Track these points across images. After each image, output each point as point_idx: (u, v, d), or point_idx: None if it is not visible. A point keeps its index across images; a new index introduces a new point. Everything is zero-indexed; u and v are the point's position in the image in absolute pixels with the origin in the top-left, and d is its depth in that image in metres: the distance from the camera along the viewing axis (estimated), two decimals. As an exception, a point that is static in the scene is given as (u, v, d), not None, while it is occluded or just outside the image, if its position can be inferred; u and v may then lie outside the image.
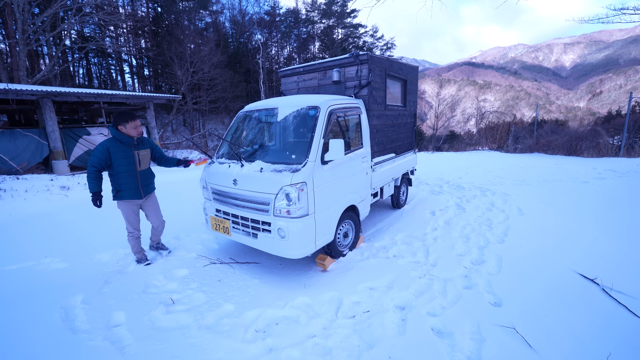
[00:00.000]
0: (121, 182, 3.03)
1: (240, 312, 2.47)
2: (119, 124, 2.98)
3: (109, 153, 2.94)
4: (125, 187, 3.06)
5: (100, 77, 26.78)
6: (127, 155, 3.02)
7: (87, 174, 2.95)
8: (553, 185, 6.46)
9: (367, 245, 3.72)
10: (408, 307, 2.47)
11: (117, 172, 3.00)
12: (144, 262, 3.29)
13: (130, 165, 3.04)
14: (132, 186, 3.09)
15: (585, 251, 3.35)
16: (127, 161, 3.02)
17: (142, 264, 3.27)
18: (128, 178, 3.05)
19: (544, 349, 1.99)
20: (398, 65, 4.54)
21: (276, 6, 32.91)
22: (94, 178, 2.96)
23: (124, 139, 3.00)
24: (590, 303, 2.46)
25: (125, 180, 3.04)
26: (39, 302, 2.57)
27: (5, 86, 8.36)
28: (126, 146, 3.02)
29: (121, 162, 2.99)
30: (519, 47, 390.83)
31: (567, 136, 13.80)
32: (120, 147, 2.98)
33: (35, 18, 14.35)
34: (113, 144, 2.97)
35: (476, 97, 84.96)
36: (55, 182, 6.95)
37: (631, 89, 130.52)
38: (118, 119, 2.98)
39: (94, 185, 2.98)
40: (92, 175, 2.95)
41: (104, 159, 2.93)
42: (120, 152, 2.98)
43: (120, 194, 3.08)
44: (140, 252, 3.33)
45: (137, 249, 3.31)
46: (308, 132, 2.98)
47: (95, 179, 2.96)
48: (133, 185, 3.09)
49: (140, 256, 3.33)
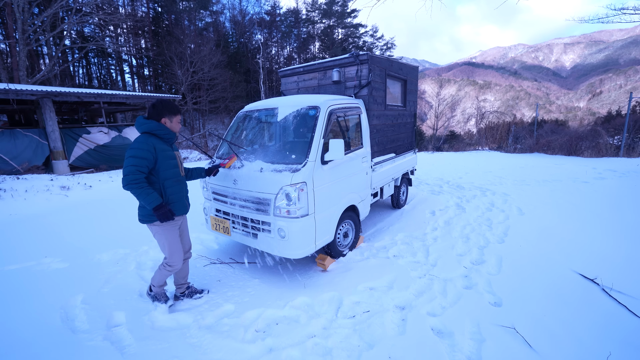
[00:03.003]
0: (169, 191, 2.35)
1: (240, 312, 2.47)
2: (164, 115, 2.34)
3: (155, 152, 2.24)
4: (174, 198, 2.38)
5: (100, 77, 26.79)
6: (171, 157, 2.37)
7: (134, 184, 2.13)
8: (553, 185, 6.46)
9: (367, 245, 3.72)
10: (408, 307, 2.47)
11: (164, 178, 2.31)
12: (162, 301, 2.57)
13: (175, 169, 2.39)
14: (181, 196, 2.45)
15: (585, 251, 3.35)
16: (172, 163, 2.37)
17: (160, 302, 2.56)
18: (176, 186, 2.40)
19: (544, 349, 1.99)
20: (398, 65, 4.54)
21: (276, 6, 32.94)
22: (147, 186, 2.19)
23: (167, 135, 2.34)
24: (590, 303, 2.46)
25: (174, 190, 2.38)
26: (39, 302, 2.57)
27: (6, 86, 8.37)
28: (167, 145, 2.38)
29: (168, 165, 2.33)
30: (518, 47, 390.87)
31: (567, 136, 13.80)
32: (163, 146, 2.32)
33: (35, 18, 14.35)
34: (155, 140, 2.28)
35: (476, 97, 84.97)
36: (55, 182, 6.95)
37: (631, 89, 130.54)
38: (164, 109, 2.34)
39: (155, 196, 2.21)
40: (143, 182, 2.18)
41: (152, 160, 2.22)
42: (164, 151, 2.32)
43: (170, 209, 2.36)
44: (163, 285, 2.63)
45: (163, 281, 2.59)
46: (308, 132, 2.98)
47: (149, 187, 2.20)
48: (182, 195, 2.47)
49: (160, 291, 2.62)
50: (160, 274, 2.52)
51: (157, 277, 2.54)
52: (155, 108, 2.34)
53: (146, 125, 2.29)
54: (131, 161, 2.15)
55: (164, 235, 2.38)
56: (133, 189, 2.15)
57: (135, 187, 2.14)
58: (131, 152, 2.18)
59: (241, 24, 29.67)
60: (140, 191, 2.16)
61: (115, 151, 10.64)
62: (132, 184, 2.14)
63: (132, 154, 2.17)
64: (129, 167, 2.14)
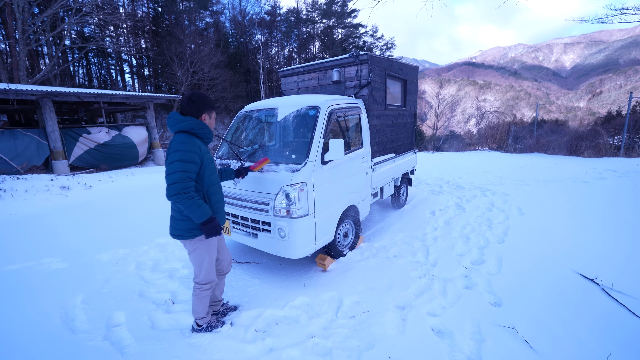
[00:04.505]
0: (214, 200, 2.04)
1: (240, 312, 2.47)
2: (203, 110, 2.00)
3: (201, 154, 1.92)
4: (218, 207, 2.09)
5: (100, 77, 26.78)
6: (211, 159, 2.04)
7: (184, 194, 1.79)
8: (553, 185, 6.46)
9: (367, 245, 3.72)
10: (408, 307, 2.47)
11: (209, 184, 2.00)
12: (219, 326, 2.26)
13: (216, 174, 2.08)
14: (223, 205, 2.15)
15: (585, 251, 3.35)
16: (213, 167, 2.06)
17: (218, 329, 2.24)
18: (219, 193, 2.11)
19: (544, 349, 1.99)
20: (398, 65, 4.54)
21: (276, 6, 32.93)
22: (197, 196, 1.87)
23: (208, 134, 2.00)
24: (590, 303, 2.46)
25: (217, 197, 2.08)
26: (39, 302, 2.57)
27: (6, 86, 8.37)
28: (206, 145, 2.04)
29: (212, 170, 2.01)
30: (518, 47, 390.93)
31: (567, 136, 13.81)
32: (204, 147, 1.99)
33: (35, 18, 14.35)
34: (198, 141, 1.94)
35: (476, 97, 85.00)
36: (55, 182, 6.94)
37: (631, 89, 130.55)
38: (203, 104, 2.00)
39: (207, 209, 1.90)
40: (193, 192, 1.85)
41: (199, 164, 1.90)
42: (207, 153, 2.00)
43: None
44: (209, 312, 2.26)
45: (207, 306, 2.21)
46: (308, 132, 2.98)
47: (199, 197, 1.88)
48: (223, 203, 2.17)
49: (210, 319, 2.26)
50: (200, 301, 2.14)
51: (198, 306, 2.16)
52: (193, 103, 1.96)
53: (185, 124, 1.90)
54: (178, 166, 1.79)
55: (207, 251, 2.05)
56: (183, 199, 1.79)
57: (186, 197, 1.79)
58: (177, 155, 1.81)
59: (241, 24, 29.67)
60: (190, 202, 1.81)
61: (115, 150, 10.63)
62: (182, 194, 1.78)
63: (179, 157, 1.80)
64: (178, 174, 1.78)
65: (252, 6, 39.95)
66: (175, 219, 2.00)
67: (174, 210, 2.01)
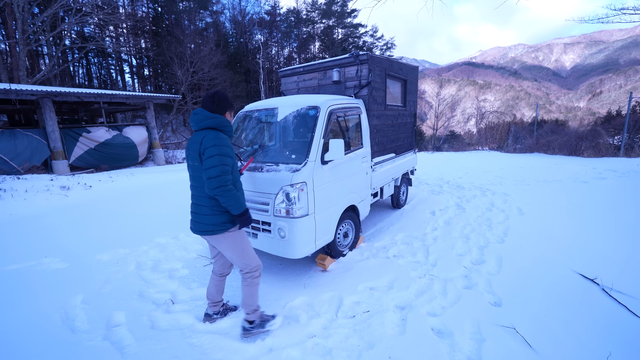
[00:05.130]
0: (240, 192, 2.08)
1: (240, 312, 2.46)
2: (227, 108, 2.08)
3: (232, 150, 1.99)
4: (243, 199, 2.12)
5: (100, 77, 26.78)
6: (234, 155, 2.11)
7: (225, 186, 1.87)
8: (553, 185, 6.46)
9: (367, 245, 3.72)
10: (408, 307, 2.47)
11: (236, 179, 2.06)
12: (270, 321, 2.24)
13: (237, 169, 2.13)
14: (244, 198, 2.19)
15: (585, 251, 3.35)
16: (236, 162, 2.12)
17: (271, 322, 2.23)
18: (241, 187, 2.17)
19: (544, 349, 1.99)
20: (398, 65, 4.54)
21: (276, 6, 32.94)
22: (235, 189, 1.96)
23: (231, 131, 2.07)
24: (590, 303, 2.46)
25: (242, 191, 2.14)
26: (39, 302, 2.57)
27: (7, 86, 8.37)
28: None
29: (236, 165, 2.08)
30: (518, 47, 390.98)
31: (567, 136, 13.80)
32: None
33: (35, 18, 14.36)
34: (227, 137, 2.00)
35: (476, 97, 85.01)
36: (55, 182, 6.94)
37: (631, 89, 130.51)
38: (226, 102, 2.07)
39: (243, 200, 2.03)
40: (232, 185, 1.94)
41: (234, 157, 2.01)
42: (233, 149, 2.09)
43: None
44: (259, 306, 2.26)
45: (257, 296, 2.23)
46: (308, 132, 2.98)
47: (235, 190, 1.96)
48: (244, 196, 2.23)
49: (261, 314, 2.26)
50: (250, 291, 2.15)
51: (250, 297, 2.15)
52: (218, 101, 2.01)
53: (214, 120, 1.95)
54: (220, 159, 1.85)
55: (242, 239, 2.12)
56: (225, 192, 1.87)
57: (227, 190, 1.87)
58: (217, 149, 1.85)
59: (241, 24, 29.67)
60: (231, 195, 1.90)
61: (116, 150, 10.63)
62: (223, 187, 1.86)
63: (220, 151, 1.85)
64: (221, 167, 1.85)
65: (252, 6, 40.04)
66: (204, 214, 2.01)
67: (204, 206, 2.01)
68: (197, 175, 2.00)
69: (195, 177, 2.04)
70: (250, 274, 2.14)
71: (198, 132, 1.97)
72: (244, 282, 2.17)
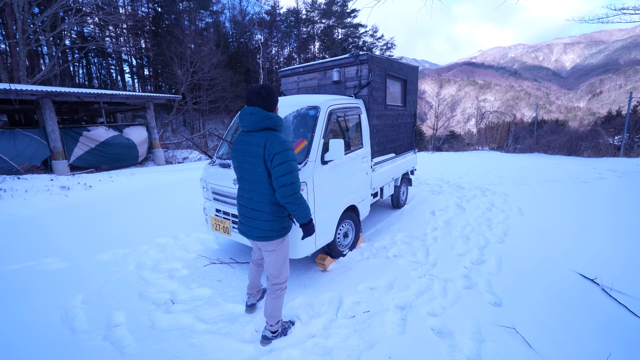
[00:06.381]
0: None
1: (240, 312, 2.47)
2: (275, 104, 1.89)
3: None
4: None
5: (100, 77, 26.79)
6: None
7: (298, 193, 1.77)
8: (553, 185, 6.46)
9: (367, 245, 3.72)
10: (408, 307, 2.47)
11: None
12: (291, 328, 2.23)
13: None
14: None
15: (585, 251, 3.35)
16: None
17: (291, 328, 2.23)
18: None
19: (544, 349, 1.99)
20: (398, 65, 4.54)
21: (276, 6, 32.95)
22: None
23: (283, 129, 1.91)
24: (590, 303, 2.46)
25: None
26: (39, 302, 2.57)
27: (7, 86, 8.37)
28: None
29: None
30: (518, 47, 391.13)
31: (567, 136, 13.80)
32: None
33: (35, 18, 14.36)
34: None
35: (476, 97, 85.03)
36: (55, 182, 6.94)
37: (631, 89, 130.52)
38: (275, 96, 1.87)
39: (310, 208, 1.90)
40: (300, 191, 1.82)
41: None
42: None
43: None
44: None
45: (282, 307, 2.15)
46: (308, 132, 2.98)
47: None
48: None
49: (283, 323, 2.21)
50: (278, 303, 2.06)
51: (275, 310, 2.06)
52: (270, 97, 1.81)
53: (271, 121, 1.78)
54: (292, 166, 1.70)
55: (287, 250, 2.04)
56: (298, 199, 1.74)
57: (300, 197, 1.75)
58: (287, 155, 1.70)
59: (241, 24, 29.67)
60: (302, 201, 1.77)
61: (116, 150, 10.63)
62: (297, 195, 1.72)
63: (290, 157, 1.70)
64: (294, 174, 1.71)
65: (252, 6, 39.97)
66: (263, 220, 1.88)
67: (263, 212, 1.87)
68: (256, 180, 1.83)
69: (253, 182, 1.86)
70: (278, 286, 2.06)
71: (252, 132, 1.80)
72: (272, 295, 2.06)
